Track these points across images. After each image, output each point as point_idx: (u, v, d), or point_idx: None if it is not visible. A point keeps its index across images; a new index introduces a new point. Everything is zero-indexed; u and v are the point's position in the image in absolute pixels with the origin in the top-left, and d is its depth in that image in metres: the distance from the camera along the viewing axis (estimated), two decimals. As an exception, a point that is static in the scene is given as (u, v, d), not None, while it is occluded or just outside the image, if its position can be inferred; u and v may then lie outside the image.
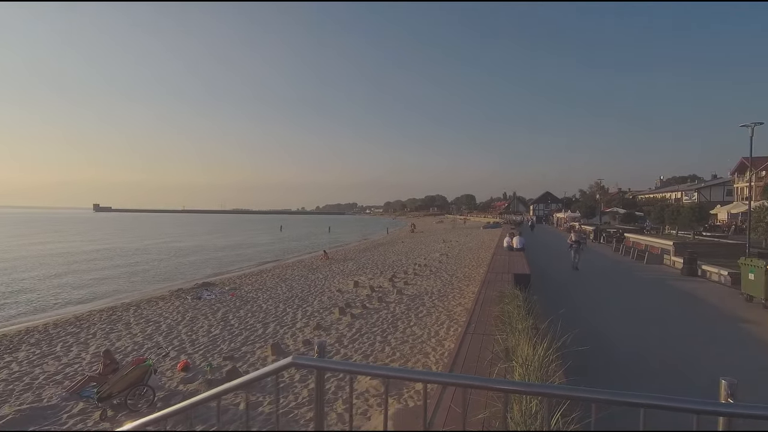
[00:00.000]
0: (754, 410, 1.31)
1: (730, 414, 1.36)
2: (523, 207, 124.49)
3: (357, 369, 2.16)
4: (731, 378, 1.44)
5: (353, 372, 1.91)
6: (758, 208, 17.63)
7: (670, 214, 23.88)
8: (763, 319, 9.68)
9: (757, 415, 1.28)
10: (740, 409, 1.32)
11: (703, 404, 1.33)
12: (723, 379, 1.44)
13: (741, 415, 1.32)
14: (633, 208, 50.89)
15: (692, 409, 1.33)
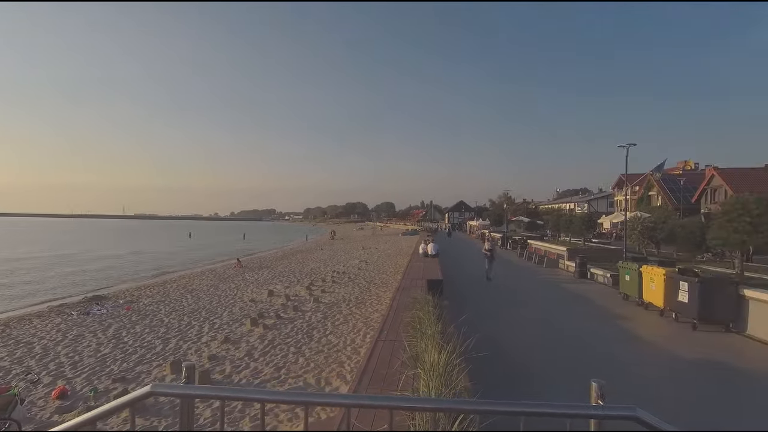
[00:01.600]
0: (619, 411, 1.40)
1: (599, 416, 1.45)
2: (439, 215, 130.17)
3: (229, 394, 1.96)
4: (600, 380, 1.53)
5: (224, 398, 1.72)
6: (632, 218, 20.26)
7: (564, 222, 26.54)
8: (637, 315, 11.05)
9: (622, 416, 1.38)
10: (608, 410, 1.41)
11: (575, 408, 1.39)
12: (593, 381, 1.53)
13: (608, 416, 1.41)
14: (535, 217, 55.69)
15: (566, 414, 1.40)
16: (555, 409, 1.42)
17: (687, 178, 46.35)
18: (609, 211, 62.12)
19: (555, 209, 64.11)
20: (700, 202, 41.89)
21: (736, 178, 37.56)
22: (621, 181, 43.23)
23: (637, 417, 1.29)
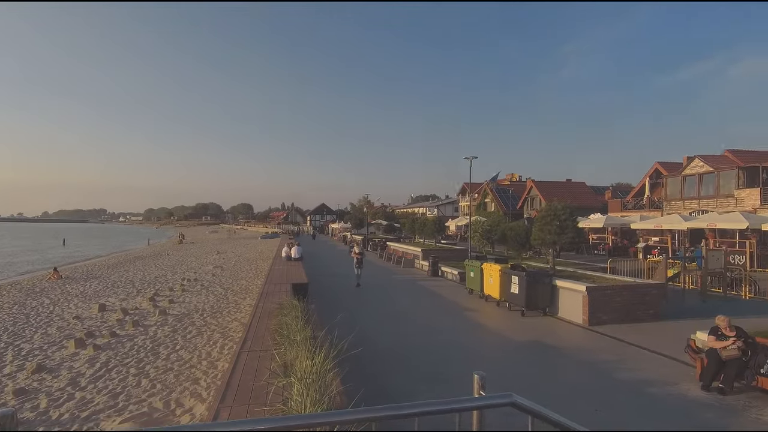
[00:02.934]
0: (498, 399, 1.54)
1: (481, 407, 1.57)
2: (300, 217, 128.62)
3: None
4: (481, 372, 1.66)
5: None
6: (474, 221, 23.15)
7: (419, 225, 28.87)
8: (480, 307, 12.58)
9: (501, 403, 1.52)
10: (488, 400, 1.55)
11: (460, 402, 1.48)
12: (475, 373, 1.66)
13: (489, 405, 1.55)
14: (393, 220, 59.20)
15: (453, 409, 1.48)
16: (441, 406, 1.48)
17: (514, 188, 54.98)
18: (454, 215, 69.66)
19: (410, 213, 69.16)
20: (523, 208, 50.07)
21: (547, 189, 46.00)
22: (464, 189, 49.06)
23: (513, 402, 1.43)
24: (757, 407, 5.64)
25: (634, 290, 10.82)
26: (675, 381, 6.62)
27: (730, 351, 6.06)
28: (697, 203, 30.31)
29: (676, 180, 32.29)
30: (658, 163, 36.27)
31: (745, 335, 6.16)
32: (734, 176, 28.20)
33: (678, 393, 6.21)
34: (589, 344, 8.89)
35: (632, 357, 7.96)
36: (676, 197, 32.16)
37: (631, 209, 36.55)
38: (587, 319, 10.25)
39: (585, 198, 47.67)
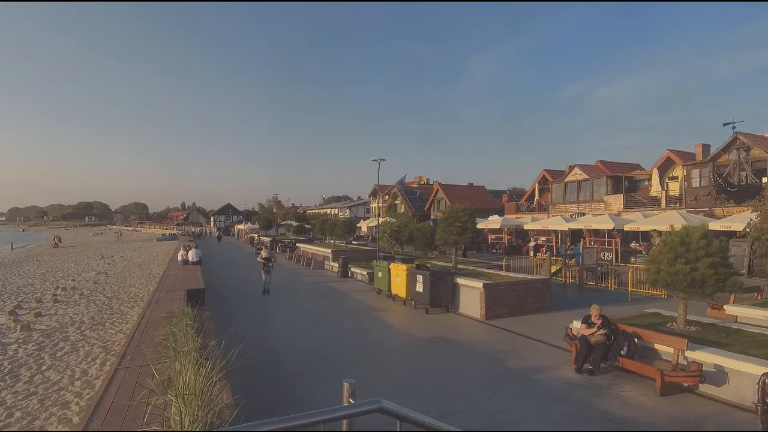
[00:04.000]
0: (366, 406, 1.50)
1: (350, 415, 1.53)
2: (204, 218, 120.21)
3: None
4: (351, 379, 1.62)
5: None
6: (383, 223, 23.64)
7: (329, 226, 28.66)
8: (387, 306, 12.81)
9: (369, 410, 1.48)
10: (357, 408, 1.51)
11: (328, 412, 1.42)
12: (345, 381, 1.61)
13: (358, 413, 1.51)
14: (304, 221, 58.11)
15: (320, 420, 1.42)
16: (309, 418, 1.41)
17: (422, 190, 57.29)
18: (366, 216, 70.46)
19: (322, 214, 68.43)
20: (431, 209, 52.41)
21: (451, 192, 48.72)
22: (375, 191, 49.97)
23: (381, 408, 1.41)
24: (618, 384, 6.48)
25: (524, 285, 11.85)
26: (556, 366, 7.35)
27: (598, 337, 6.90)
28: (577, 207, 34.37)
29: (559, 186, 36.29)
30: (546, 170, 40.43)
31: (609, 322, 7.05)
32: (604, 184, 32.53)
33: (557, 376, 6.90)
34: (486, 337, 9.53)
35: (522, 347, 8.69)
36: (559, 201, 36.12)
37: (524, 211, 40.24)
38: (484, 314, 10.98)
39: (485, 201, 51.42)
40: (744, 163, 25.18)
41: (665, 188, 29.55)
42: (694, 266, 6.82)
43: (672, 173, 29.83)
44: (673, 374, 6.03)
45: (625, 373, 6.81)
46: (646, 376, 6.43)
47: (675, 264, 6.98)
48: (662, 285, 7.37)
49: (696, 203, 26.45)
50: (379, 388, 6.37)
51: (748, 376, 5.37)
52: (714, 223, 20.92)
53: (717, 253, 6.95)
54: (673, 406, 5.71)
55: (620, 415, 5.47)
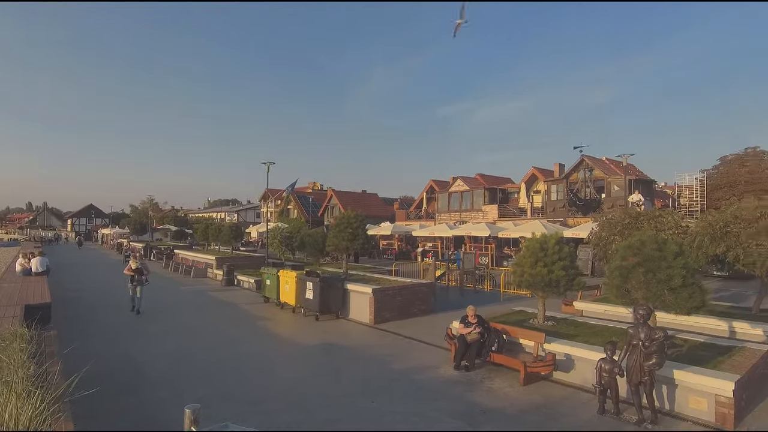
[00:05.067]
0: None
1: None
2: (58, 221, 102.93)
3: None
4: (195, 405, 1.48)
5: None
6: (274, 228, 22.78)
7: (213, 231, 26.63)
8: (275, 315, 12.29)
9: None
10: None
11: None
12: (187, 408, 1.47)
13: None
14: (184, 226, 53.29)
15: None
16: None
17: (315, 196, 56.75)
18: (257, 221, 67.34)
19: (206, 218, 63.55)
20: (324, 215, 52.13)
21: (345, 199, 49.17)
22: (266, 195, 48.04)
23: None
24: (490, 378, 7.09)
25: (411, 289, 12.38)
26: (437, 365, 7.77)
27: (473, 335, 7.49)
28: (459, 215, 37.25)
29: (444, 195, 39.01)
30: (433, 180, 43.14)
31: (483, 321, 7.70)
32: (482, 195, 35.85)
33: (437, 374, 7.29)
34: (373, 341, 9.69)
35: (407, 348, 9.02)
36: (444, 210, 38.79)
37: (413, 219, 42.32)
38: (373, 318, 11.19)
39: (378, 208, 52.93)
40: (588, 181, 29.93)
41: (530, 200, 33.66)
42: (551, 269, 7.81)
43: (536, 187, 34.11)
44: (533, 365, 6.79)
45: (496, 367, 7.47)
46: (512, 368, 7.14)
47: (536, 267, 7.92)
48: (526, 285, 8.29)
49: (554, 214, 30.58)
50: (258, 403, 6.04)
51: (589, 362, 6.29)
52: (567, 232, 24.39)
53: (567, 257, 8.07)
54: (533, 394, 6.42)
55: (491, 406, 5.98)
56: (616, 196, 27.55)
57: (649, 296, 6.88)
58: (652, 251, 6.94)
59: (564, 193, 30.63)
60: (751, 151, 32.98)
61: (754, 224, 9.26)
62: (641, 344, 5.40)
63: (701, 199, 27.97)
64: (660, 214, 12.29)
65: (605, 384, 5.63)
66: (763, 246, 9.05)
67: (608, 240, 12.33)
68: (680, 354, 6.45)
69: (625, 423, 5.41)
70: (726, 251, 9.55)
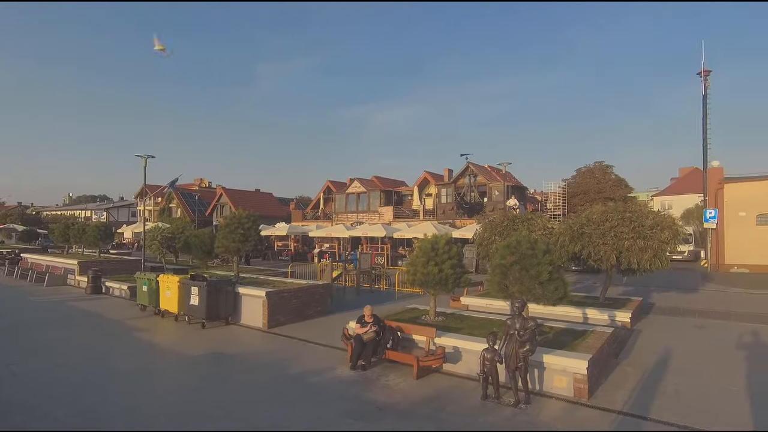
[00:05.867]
0: None
1: None
2: None
3: None
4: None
5: None
6: (153, 228, 20.49)
7: (76, 232, 23.02)
8: (154, 325, 11.05)
9: None
10: None
11: None
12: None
13: None
14: (36, 225, 45.25)
15: None
16: None
17: (202, 194, 52.64)
18: (132, 220, 60.15)
19: (66, 216, 54.90)
20: (213, 215, 48.60)
21: (237, 197, 46.47)
22: (143, 191, 43.12)
23: None
24: (385, 375, 7.27)
25: (307, 291, 12.14)
26: (333, 366, 7.73)
27: (369, 334, 7.61)
28: (356, 216, 37.73)
29: (341, 196, 39.21)
30: (330, 181, 43.06)
31: (379, 320, 7.88)
32: (378, 196, 36.82)
33: (334, 375, 7.26)
34: (267, 346, 9.28)
35: (303, 351, 8.82)
36: (342, 210, 38.98)
37: (310, 219, 41.71)
38: (267, 323, 10.72)
39: (272, 208, 51.07)
40: (473, 186, 32.67)
41: (423, 203, 35.55)
42: (441, 267, 8.31)
43: (428, 191, 36.15)
44: (425, 359, 7.15)
45: (391, 364, 7.69)
46: (406, 364, 7.42)
47: (428, 266, 8.35)
48: (419, 284, 8.70)
49: (444, 216, 32.71)
50: (130, 423, 5.37)
51: (474, 353, 6.82)
52: (455, 232, 26.27)
53: (456, 256, 8.66)
54: (425, 387, 6.74)
55: (386, 402, 6.12)
56: (497, 201, 30.52)
57: (523, 290, 7.73)
58: (526, 250, 7.81)
59: (453, 196, 32.97)
60: (598, 165, 39.22)
61: (601, 226, 11.00)
62: (517, 333, 6.02)
63: (563, 204, 32.41)
64: (531, 217, 13.92)
65: (487, 371, 6.15)
66: (607, 245, 10.80)
67: (490, 240, 13.59)
68: (547, 340, 7.35)
69: (504, 405, 5.98)
70: (581, 249, 11.19)
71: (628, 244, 10.54)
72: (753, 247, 22.20)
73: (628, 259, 10.64)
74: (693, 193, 40.74)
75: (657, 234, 10.55)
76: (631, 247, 10.53)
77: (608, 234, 10.80)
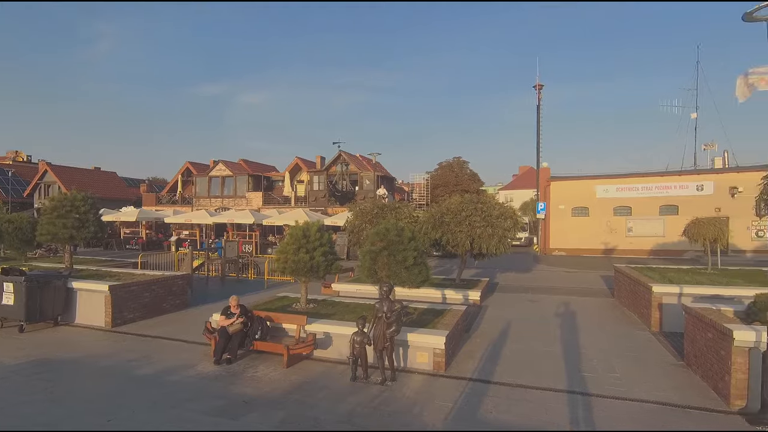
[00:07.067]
0: None
1: None
2: None
3: None
4: None
5: None
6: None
7: None
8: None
9: None
10: None
11: None
12: None
13: None
14: None
15: None
16: None
17: (18, 170, 42.94)
18: None
19: None
20: (34, 196, 40.10)
21: (68, 176, 39.07)
22: (-72, 163, 33.33)
23: None
24: (253, 366, 6.98)
25: (162, 283, 10.89)
26: (194, 363, 7.12)
27: (236, 326, 7.20)
28: (221, 201, 35.16)
29: (204, 179, 36.06)
30: (190, 162, 39.17)
31: (246, 310, 7.49)
32: (246, 181, 34.88)
33: (195, 373, 6.69)
34: (112, 348, 8.09)
35: (157, 350, 7.92)
36: (204, 195, 35.88)
37: (165, 204, 37.41)
38: (111, 321, 9.34)
39: (117, 190, 44.37)
40: (345, 175, 33.18)
41: (294, 189, 34.83)
42: (312, 255, 8.26)
43: (300, 177, 35.52)
44: (296, 347, 7.06)
45: (260, 355, 7.41)
46: (276, 354, 7.23)
47: (298, 253, 8.22)
48: (289, 272, 8.51)
49: (316, 203, 32.58)
50: None
51: (344, 337, 6.98)
52: (327, 220, 26.40)
53: (327, 243, 8.69)
54: (295, 374, 6.67)
55: (254, 394, 5.88)
56: (368, 189, 31.56)
57: (391, 274, 8.17)
58: (394, 237, 8.25)
59: (325, 183, 33.00)
60: (456, 160, 43.45)
61: (458, 215, 12.23)
62: (384, 315, 6.34)
63: (427, 194, 35.10)
64: (399, 206, 14.75)
65: (357, 354, 6.36)
66: (463, 232, 12.06)
67: (361, 227, 14.00)
68: (412, 320, 7.91)
69: (372, 384, 6.27)
70: (441, 236, 12.28)
71: (479, 232, 11.93)
72: (569, 234, 27.19)
73: (480, 244, 12.05)
74: (529, 189, 47.99)
75: (502, 223, 12.16)
76: (482, 234, 11.94)
77: (464, 222, 12.05)
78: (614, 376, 6.57)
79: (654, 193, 25.68)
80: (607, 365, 7.02)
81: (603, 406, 5.54)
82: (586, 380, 6.39)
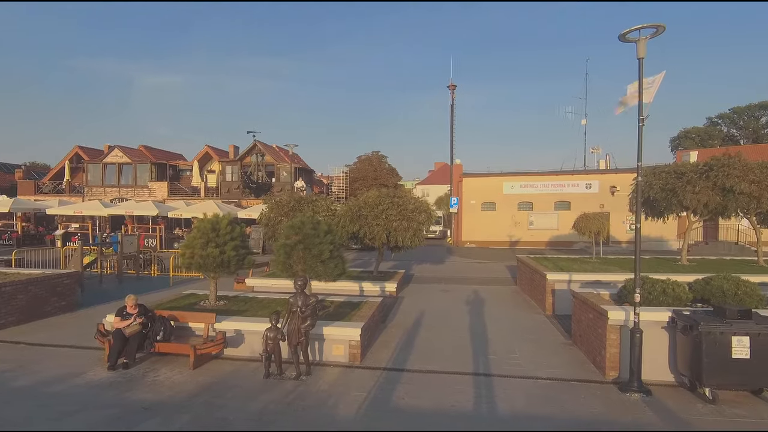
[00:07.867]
0: None
1: None
2: None
3: None
4: None
5: None
6: None
7: None
8: None
9: None
10: None
11: None
12: None
13: None
14: None
15: None
16: None
17: None
18: None
19: None
20: None
21: None
22: None
23: None
24: (155, 370, 6.45)
25: (43, 283, 9.59)
26: (83, 370, 6.39)
27: (134, 327, 6.59)
28: (118, 191, 31.79)
29: (97, 166, 32.27)
30: (80, 147, 34.79)
31: (146, 310, 6.90)
32: (148, 169, 31.91)
33: (84, 380, 6.02)
34: (-25, 360, 6.95)
35: (36, 358, 6.97)
36: (97, 184, 32.15)
37: (48, 193, 32.89)
38: (-25, 329, 8.01)
39: (-14, 175, 37.86)
40: (261, 166, 31.88)
41: (204, 180, 32.63)
42: (222, 249, 7.84)
43: (210, 167, 33.35)
44: (203, 347, 6.67)
45: (162, 357, 6.87)
46: (182, 355, 6.77)
47: (207, 248, 7.75)
48: (197, 267, 8.00)
49: (229, 195, 30.88)
50: None
51: (257, 334, 6.75)
52: (241, 212, 25.20)
53: (239, 237, 8.31)
54: (203, 375, 6.30)
55: (156, 399, 5.45)
56: (285, 181, 30.67)
57: (306, 268, 8.05)
58: (309, 230, 8.13)
59: (239, 174, 31.39)
60: (375, 154, 43.98)
61: (375, 209, 12.41)
62: (299, 310, 6.25)
63: (346, 188, 35.06)
64: (317, 199, 14.57)
65: (270, 350, 6.19)
66: (380, 226, 12.29)
67: (276, 220, 13.59)
68: (328, 313, 7.89)
69: (286, 380, 6.15)
70: (359, 229, 12.39)
71: (395, 225, 12.24)
72: (479, 227, 29.05)
73: (396, 237, 12.37)
74: (444, 184, 50.23)
75: (416, 216, 12.60)
76: (398, 228, 12.27)
77: (381, 216, 12.28)
78: (513, 356, 7.19)
79: (551, 190, 28.43)
80: (508, 347, 7.66)
81: (503, 385, 6.05)
82: (489, 362, 6.91)
